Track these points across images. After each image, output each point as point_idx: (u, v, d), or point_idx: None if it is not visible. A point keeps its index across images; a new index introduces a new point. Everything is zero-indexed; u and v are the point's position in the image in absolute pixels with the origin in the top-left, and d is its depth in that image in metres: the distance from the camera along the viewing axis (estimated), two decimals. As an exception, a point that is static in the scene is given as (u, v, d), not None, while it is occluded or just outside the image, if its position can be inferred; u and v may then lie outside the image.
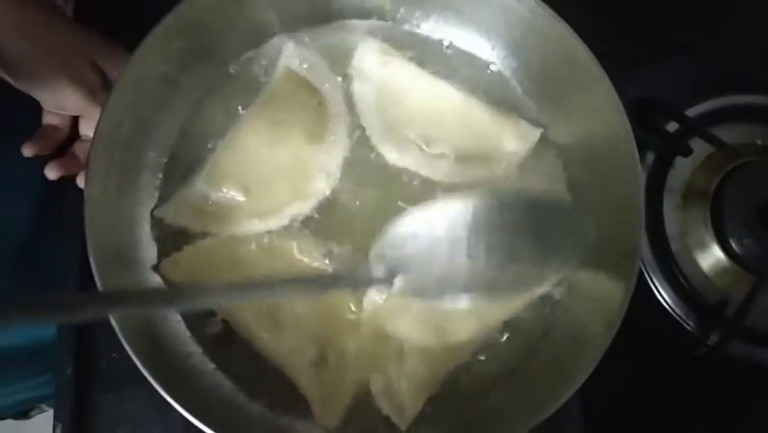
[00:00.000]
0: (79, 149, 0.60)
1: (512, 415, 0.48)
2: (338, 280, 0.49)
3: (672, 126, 0.65)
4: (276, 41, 0.59)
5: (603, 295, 0.50)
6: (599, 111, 0.52)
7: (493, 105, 0.58)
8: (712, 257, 0.62)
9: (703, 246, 0.63)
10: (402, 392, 0.51)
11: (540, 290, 0.54)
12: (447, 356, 0.53)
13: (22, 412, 0.96)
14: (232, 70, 0.58)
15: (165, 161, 0.56)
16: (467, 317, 0.53)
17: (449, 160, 0.56)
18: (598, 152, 0.54)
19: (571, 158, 0.57)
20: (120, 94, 0.49)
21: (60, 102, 0.57)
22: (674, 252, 0.63)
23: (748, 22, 0.72)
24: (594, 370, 0.46)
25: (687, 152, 0.64)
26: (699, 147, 0.65)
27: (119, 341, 0.57)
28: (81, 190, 0.49)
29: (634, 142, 0.50)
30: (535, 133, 0.57)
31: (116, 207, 0.52)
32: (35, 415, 0.97)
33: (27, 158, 0.57)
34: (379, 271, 0.43)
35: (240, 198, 0.54)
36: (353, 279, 0.46)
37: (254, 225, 0.54)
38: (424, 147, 0.57)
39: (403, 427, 0.51)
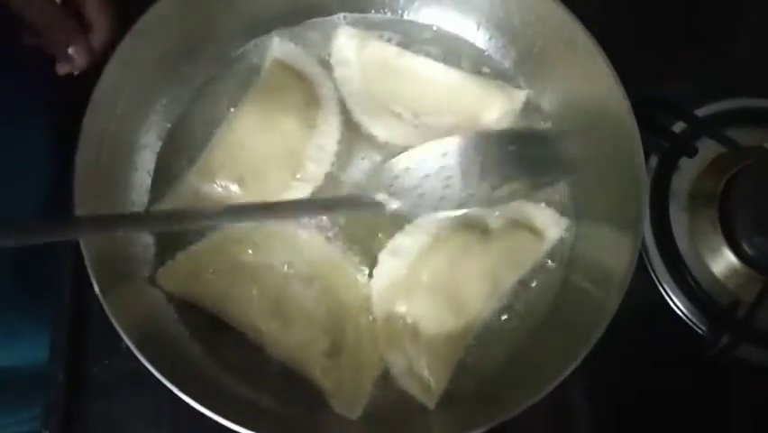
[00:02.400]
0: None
1: (530, 380, 0.47)
2: (341, 202, 0.52)
3: (678, 128, 0.65)
4: (265, 38, 0.60)
5: (611, 255, 0.50)
6: (587, 77, 0.54)
7: (478, 75, 0.60)
8: (721, 259, 0.61)
9: (712, 248, 0.61)
10: (425, 370, 0.50)
11: (545, 246, 0.55)
12: (463, 327, 0.51)
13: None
14: (220, 69, 0.59)
15: (153, 166, 0.56)
16: (480, 281, 0.52)
17: (438, 130, 0.56)
18: (593, 120, 0.55)
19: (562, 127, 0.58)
20: (114, 73, 0.49)
21: None
22: (683, 254, 0.62)
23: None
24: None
25: (693, 152, 0.63)
26: (704, 150, 0.64)
27: (111, 348, 0.56)
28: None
29: (627, 102, 0.51)
30: (521, 95, 0.58)
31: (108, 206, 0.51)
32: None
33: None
34: (379, 196, 0.48)
35: (234, 189, 0.53)
36: (355, 201, 0.50)
37: None
38: (413, 120, 0.57)
39: (431, 405, 0.49)
